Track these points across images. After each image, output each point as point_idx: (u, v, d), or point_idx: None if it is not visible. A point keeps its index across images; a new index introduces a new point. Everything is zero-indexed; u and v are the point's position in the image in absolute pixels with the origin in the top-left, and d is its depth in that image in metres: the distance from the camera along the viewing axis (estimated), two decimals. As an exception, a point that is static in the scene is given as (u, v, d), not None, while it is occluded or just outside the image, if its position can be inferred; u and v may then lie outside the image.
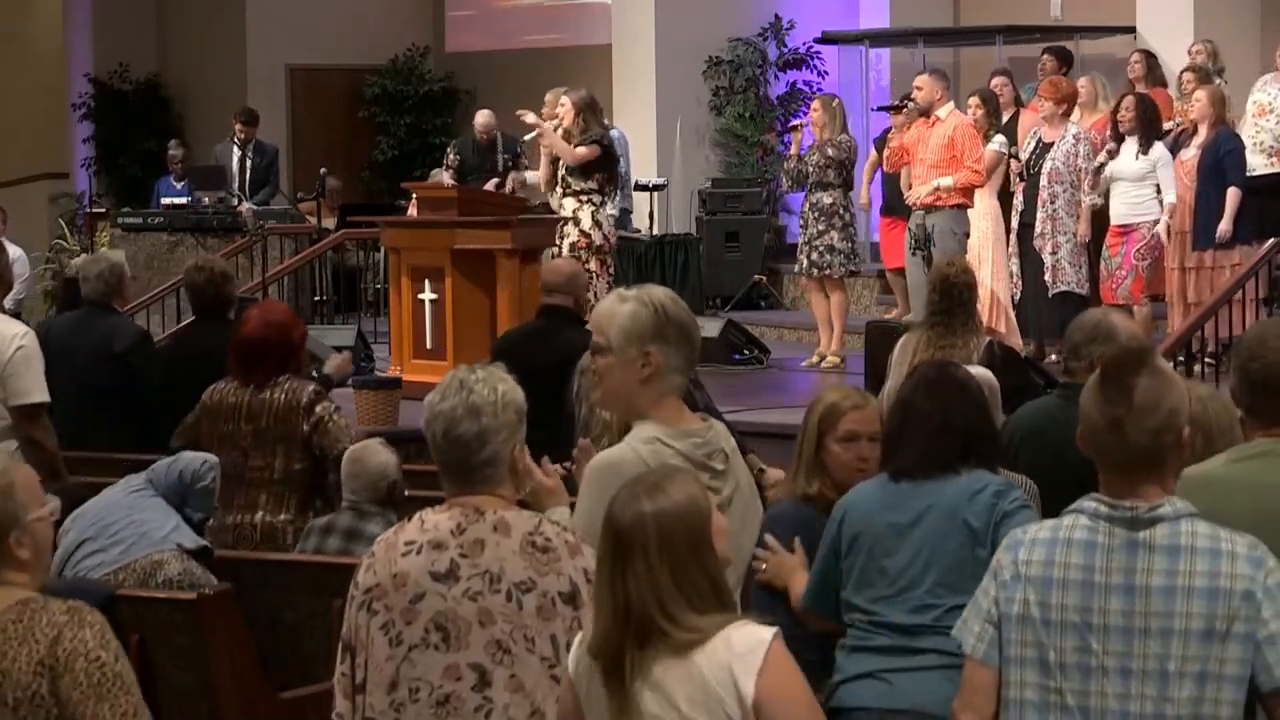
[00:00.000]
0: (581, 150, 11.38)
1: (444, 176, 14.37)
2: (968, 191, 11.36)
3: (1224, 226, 11.04)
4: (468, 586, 3.76)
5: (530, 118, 11.93)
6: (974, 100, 12.08)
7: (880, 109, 12.94)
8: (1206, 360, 10.42)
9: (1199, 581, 3.33)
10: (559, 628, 3.75)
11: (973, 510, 4.47)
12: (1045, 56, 13.41)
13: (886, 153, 12.08)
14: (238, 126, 15.40)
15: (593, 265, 11.29)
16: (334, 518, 6.39)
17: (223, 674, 5.55)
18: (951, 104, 11.80)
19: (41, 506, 3.55)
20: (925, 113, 11.72)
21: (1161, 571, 3.35)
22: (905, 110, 11.96)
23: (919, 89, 11.75)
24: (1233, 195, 11.06)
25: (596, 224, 11.43)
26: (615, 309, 4.25)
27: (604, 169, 11.49)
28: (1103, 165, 11.23)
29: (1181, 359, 9.97)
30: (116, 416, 7.68)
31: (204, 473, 6.27)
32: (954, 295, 7.11)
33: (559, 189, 11.57)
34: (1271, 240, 10.75)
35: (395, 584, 3.79)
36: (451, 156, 14.54)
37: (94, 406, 6.58)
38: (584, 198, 11.43)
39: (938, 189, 11.29)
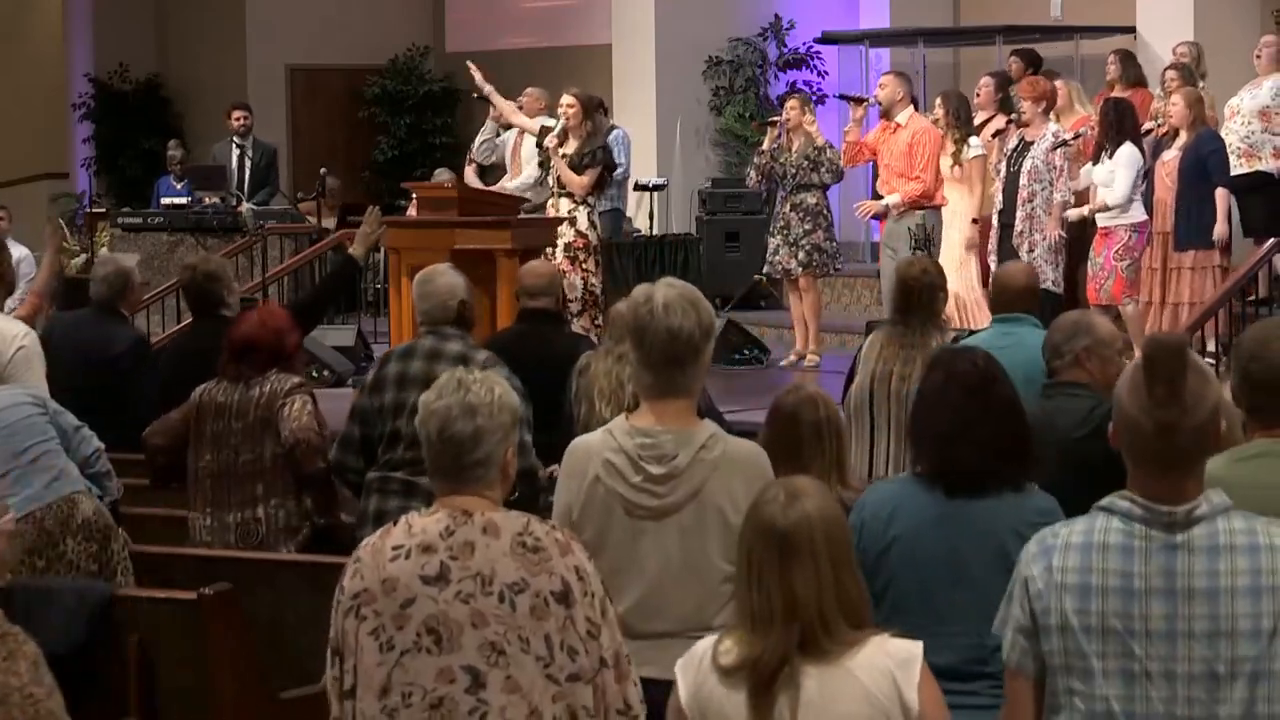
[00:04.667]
0: (587, 179, 11.50)
1: (467, 171, 14.43)
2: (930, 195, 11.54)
3: (1220, 228, 11.07)
4: (459, 589, 3.75)
5: (478, 76, 12.15)
6: (937, 100, 12.07)
7: (841, 97, 12.93)
8: (1206, 360, 10.43)
9: (1242, 581, 3.28)
10: (552, 627, 3.74)
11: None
12: (1012, 59, 13.38)
13: (844, 147, 12.07)
14: (236, 113, 15.39)
15: (589, 265, 11.39)
16: (415, 342, 6.58)
17: (222, 674, 5.55)
18: (911, 108, 11.84)
19: None
20: (886, 113, 11.76)
21: (1203, 573, 3.29)
22: (866, 105, 12.04)
23: (881, 87, 11.83)
24: (1221, 196, 11.10)
25: (592, 224, 11.54)
26: None
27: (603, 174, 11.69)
28: (1066, 148, 11.24)
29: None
30: (106, 418, 7.64)
31: (95, 459, 6.30)
32: (914, 297, 7.10)
33: (554, 189, 11.64)
34: (1271, 240, 10.77)
35: (384, 589, 3.78)
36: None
37: (82, 408, 6.60)
38: (578, 199, 11.52)
39: (888, 207, 11.59)
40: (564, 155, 11.57)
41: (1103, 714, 3.33)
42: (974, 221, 11.58)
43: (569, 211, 11.50)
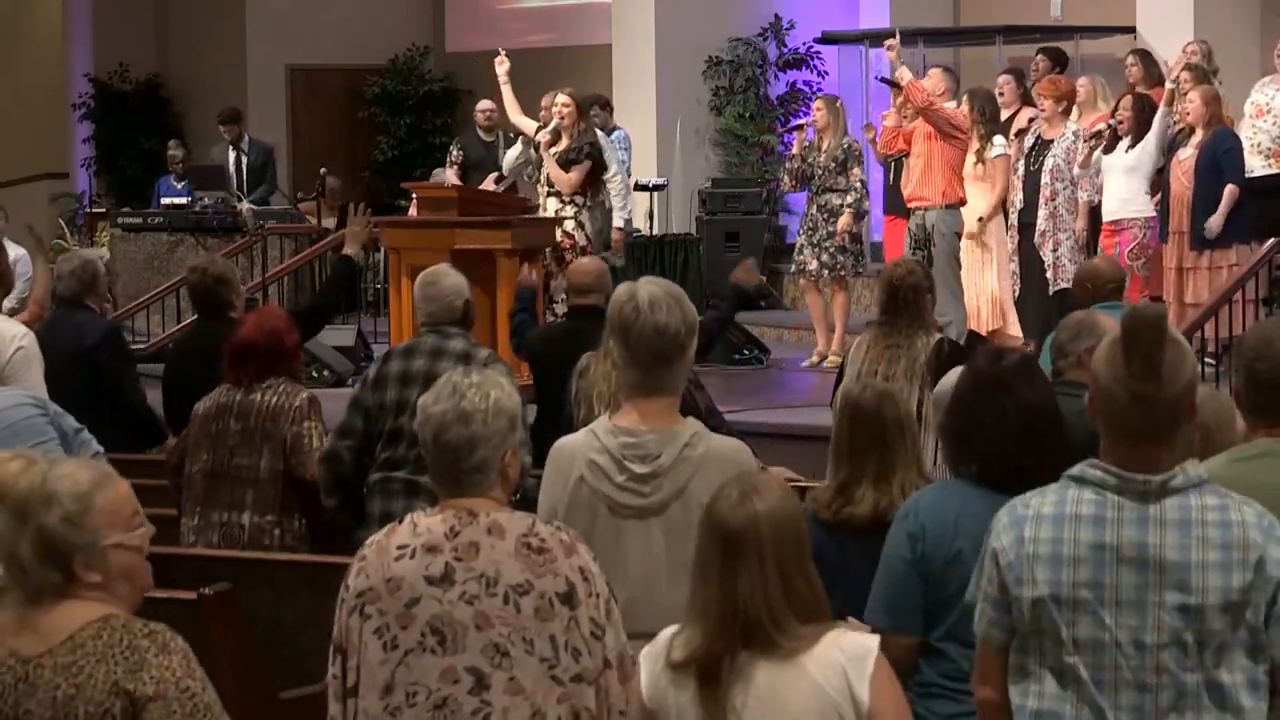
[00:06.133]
0: (574, 176, 11.50)
1: (448, 173, 14.37)
2: (960, 184, 11.44)
3: (1214, 221, 10.94)
4: (464, 590, 3.76)
5: (502, 69, 12.16)
6: (963, 98, 12.04)
7: (882, 80, 12.89)
8: (1206, 360, 10.40)
9: (1212, 555, 3.31)
10: (557, 628, 3.75)
11: None
12: (1039, 56, 13.41)
13: (881, 132, 12.06)
14: (223, 129, 15.44)
15: None
16: (417, 340, 6.63)
17: (222, 674, 5.53)
18: (954, 103, 11.81)
19: (129, 530, 3.52)
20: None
21: (1175, 546, 3.32)
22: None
23: (928, 78, 11.81)
24: (1229, 192, 11.03)
25: (580, 225, 11.52)
26: None
27: (591, 173, 11.67)
28: (1090, 143, 11.21)
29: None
30: (94, 414, 7.66)
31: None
32: (899, 297, 7.10)
33: (543, 189, 11.66)
34: (1271, 240, 10.73)
35: (389, 588, 3.78)
36: (455, 153, 14.53)
37: (72, 405, 6.59)
38: (566, 198, 11.52)
39: (980, 221, 11.46)
40: (554, 154, 11.57)
41: (1072, 681, 3.37)
42: (980, 220, 11.55)
43: (556, 212, 11.51)
